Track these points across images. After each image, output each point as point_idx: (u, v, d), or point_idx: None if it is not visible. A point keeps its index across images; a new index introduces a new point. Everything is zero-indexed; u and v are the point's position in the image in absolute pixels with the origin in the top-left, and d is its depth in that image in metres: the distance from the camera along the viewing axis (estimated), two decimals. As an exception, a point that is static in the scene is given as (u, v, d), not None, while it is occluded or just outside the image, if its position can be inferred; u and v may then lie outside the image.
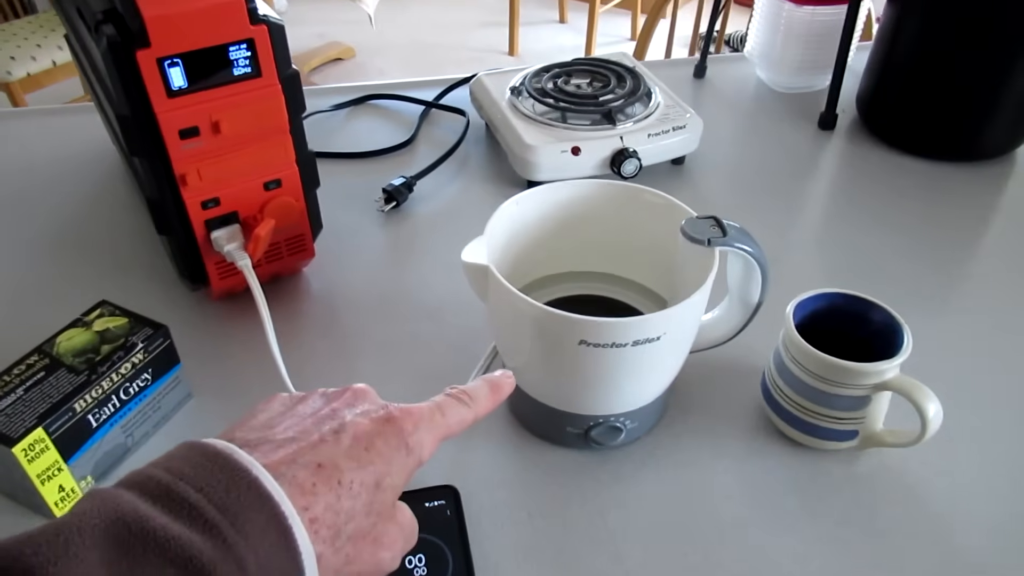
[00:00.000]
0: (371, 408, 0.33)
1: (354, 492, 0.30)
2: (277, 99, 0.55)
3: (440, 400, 0.36)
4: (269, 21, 0.52)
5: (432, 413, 0.34)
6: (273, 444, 0.30)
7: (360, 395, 0.34)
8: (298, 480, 0.28)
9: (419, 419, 0.34)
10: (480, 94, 0.85)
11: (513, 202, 0.53)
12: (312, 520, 0.28)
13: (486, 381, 0.39)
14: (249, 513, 0.26)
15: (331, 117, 0.91)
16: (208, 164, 0.54)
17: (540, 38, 3.33)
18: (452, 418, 0.35)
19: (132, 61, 0.49)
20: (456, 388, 0.37)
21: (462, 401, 0.36)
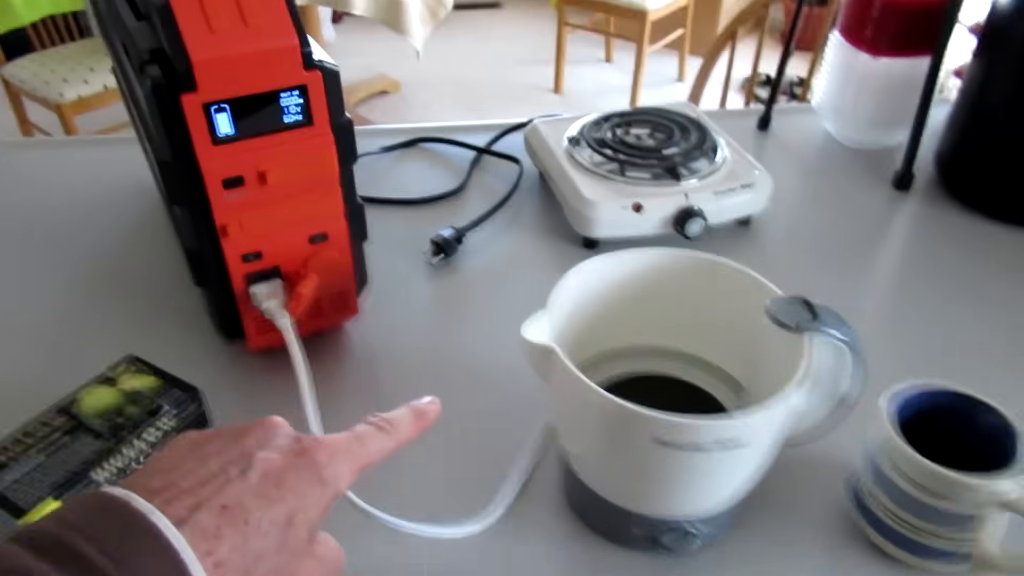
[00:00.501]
0: (282, 442, 0.32)
1: (263, 531, 0.29)
2: (328, 149, 0.51)
3: (359, 429, 0.36)
4: (324, 67, 0.49)
5: (349, 443, 0.34)
6: (176, 489, 0.29)
7: (270, 429, 0.33)
8: (201, 524, 0.28)
9: (334, 450, 0.33)
10: (535, 142, 0.81)
11: (578, 271, 0.48)
12: (217, 564, 0.27)
13: (410, 408, 0.39)
14: (146, 562, 0.25)
15: (379, 160, 0.88)
16: (251, 215, 0.51)
17: (585, 77, 3.32)
18: (371, 447, 0.35)
19: (177, 105, 0.45)
20: (377, 416, 0.37)
21: (383, 429, 0.36)
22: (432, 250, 0.71)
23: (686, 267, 0.50)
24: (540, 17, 3.96)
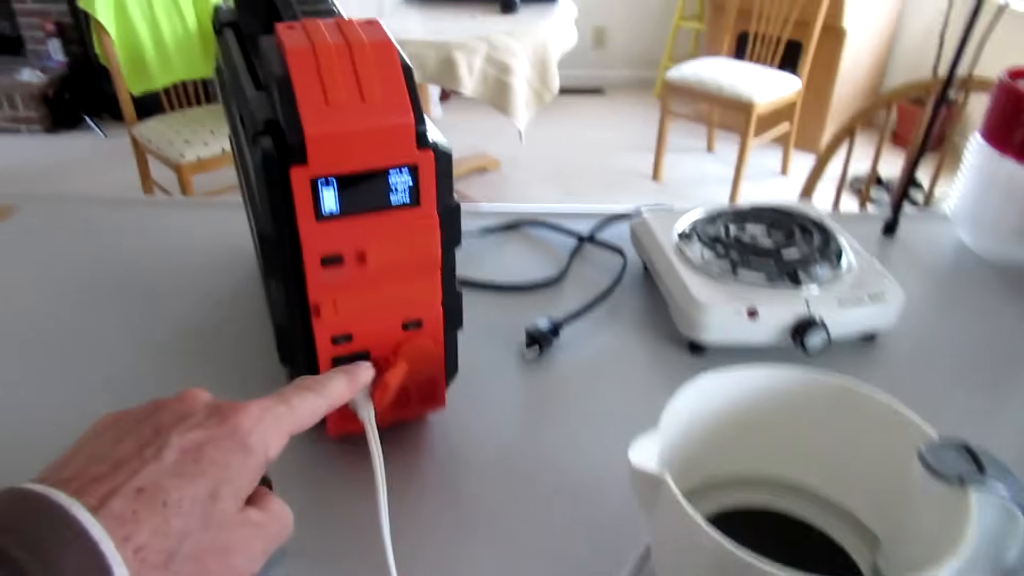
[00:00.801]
0: (200, 415, 0.32)
1: (184, 510, 0.29)
2: (433, 232, 0.48)
3: (285, 391, 0.35)
4: (437, 147, 0.46)
5: (275, 405, 0.33)
6: (88, 477, 0.28)
7: (188, 401, 0.33)
8: (116, 511, 0.27)
9: (258, 415, 0.32)
10: (642, 234, 0.77)
11: (694, 387, 0.43)
12: (137, 549, 0.27)
13: (341, 370, 0.39)
14: (64, 551, 0.25)
15: (477, 241, 0.86)
16: (346, 296, 0.48)
17: (685, 165, 3.29)
18: (301, 409, 0.34)
19: (285, 178, 0.44)
20: (307, 378, 0.37)
21: (311, 390, 0.35)
22: (526, 342, 0.67)
23: (817, 391, 0.44)
24: (642, 105, 3.99)
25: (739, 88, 2.75)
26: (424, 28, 2.34)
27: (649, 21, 4.09)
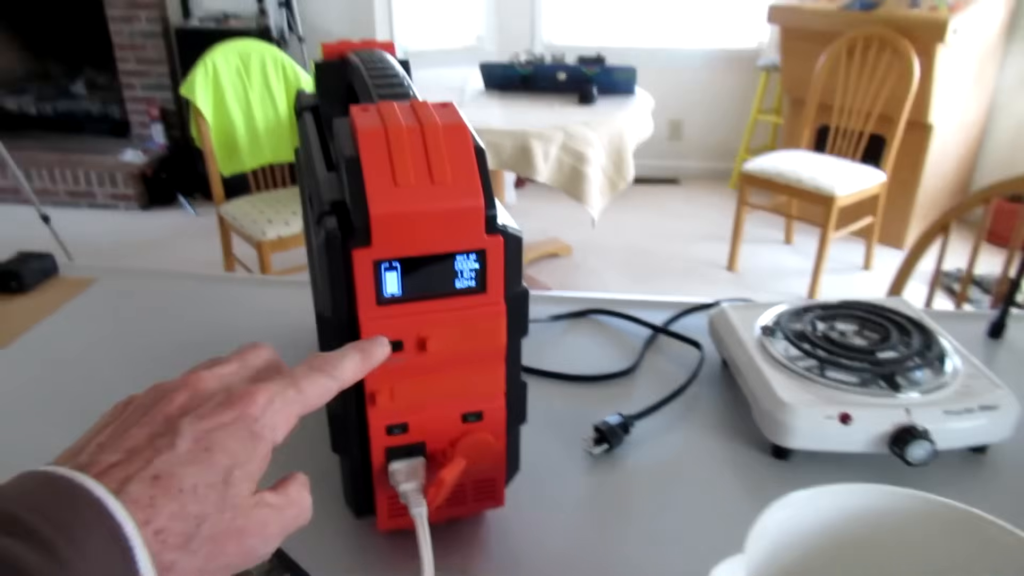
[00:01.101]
0: (210, 402, 0.32)
1: (200, 496, 0.30)
2: (499, 319, 0.46)
3: (296, 371, 0.35)
4: (507, 232, 0.44)
5: (284, 389, 0.34)
6: (106, 464, 0.29)
7: (198, 387, 0.33)
8: (133, 495, 0.28)
9: (267, 399, 0.33)
10: (721, 327, 0.73)
11: (784, 506, 0.38)
12: (157, 532, 0.28)
13: (355, 347, 0.38)
14: (89, 531, 0.26)
15: (546, 328, 0.83)
16: (404, 384, 0.45)
17: (762, 256, 3.22)
18: (310, 390, 0.35)
19: (347, 260, 0.42)
20: (319, 356, 0.36)
21: (322, 371, 0.35)
22: (594, 437, 0.63)
23: (933, 518, 0.38)
24: (718, 195, 3.97)
25: (819, 180, 2.70)
26: (502, 117, 2.39)
27: (725, 114, 4.10)
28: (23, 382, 0.73)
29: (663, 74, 3.94)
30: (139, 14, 3.73)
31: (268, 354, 0.37)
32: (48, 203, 3.64)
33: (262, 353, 0.37)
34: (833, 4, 3.13)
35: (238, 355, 0.37)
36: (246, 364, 0.36)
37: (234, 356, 0.37)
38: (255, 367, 0.36)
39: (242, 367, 0.36)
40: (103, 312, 0.85)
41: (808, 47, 3.20)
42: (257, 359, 0.37)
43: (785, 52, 3.37)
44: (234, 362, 0.36)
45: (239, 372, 0.35)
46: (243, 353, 0.37)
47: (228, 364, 0.36)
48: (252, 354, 0.37)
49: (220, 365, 0.36)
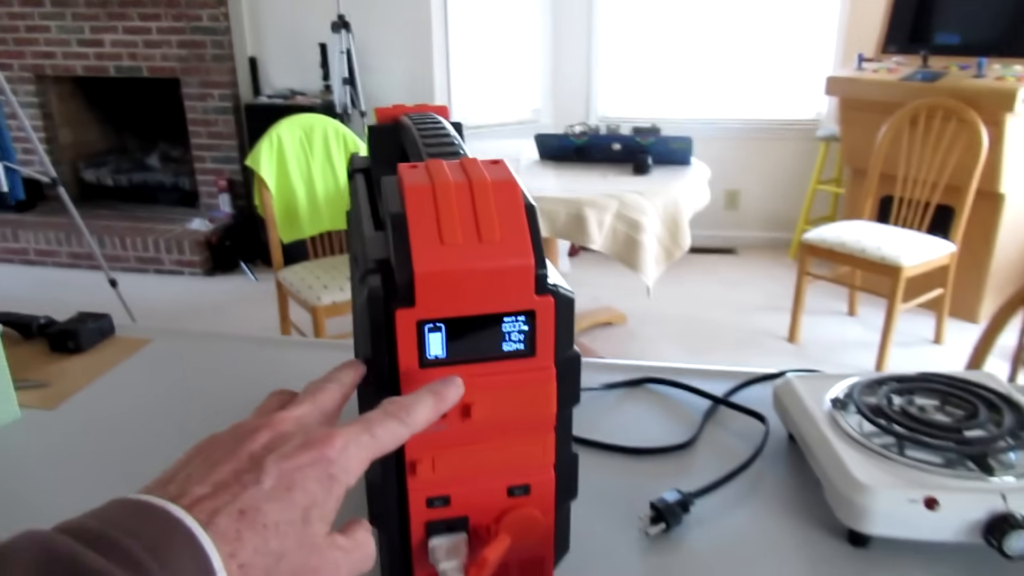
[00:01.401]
0: (291, 443, 0.33)
1: (281, 532, 0.31)
2: (548, 385, 0.43)
3: (372, 416, 0.36)
4: (558, 292, 0.42)
5: (359, 434, 0.34)
6: (194, 496, 0.30)
7: (279, 428, 0.35)
8: (221, 528, 0.29)
9: (344, 444, 0.34)
10: (788, 399, 0.68)
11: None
12: (241, 566, 0.29)
13: (428, 390, 0.38)
14: (179, 558, 0.27)
15: (599, 397, 0.79)
16: (447, 454, 0.43)
17: (825, 328, 3.11)
18: (384, 437, 0.35)
19: (390, 320, 0.40)
20: (394, 401, 0.37)
21: (396, 417, 0.36)
22: (650, 516, 0.58)
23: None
24: (776, 265, 3.89)
25: (885, 250, 2.61)
26: (556, 186, 2.40)
27: (783, 184, 4.05)
28: (76, 440, 0.72)
29: (719, 144, 3.94)
30: (213, 92, 3.93)
31: (335, 395, 0.39)
32: (118, 269, 3.78)
33: (331, 395, 0.39)
34: (893, 75, 3.10)
35: (310, 395, 0.38)
36: (317, 405, 0.38)
37: (306, 396, 0.38)
38: (326, 410, 0.38)
39: (314, 408, 0.38)
40: (157, 372, 0.85)
41: (868, 117, 3.16)
42: (327, 400, 0.38)
43: (844, 123, 3.33)
44: (306, 403, 0.38)
45: (312, 414, 0.37)
46: (314, 393, 0.38)
47: (301, 405, 0.37)
48: (323, 395, 0.39)
49: (294, 406, 0.37)
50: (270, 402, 0.39)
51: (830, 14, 3.72)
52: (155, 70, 3.95)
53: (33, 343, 0.92)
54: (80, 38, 3.97)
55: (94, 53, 3.99)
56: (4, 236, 3.95)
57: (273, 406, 0.39)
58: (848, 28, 3.70)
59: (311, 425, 0.36)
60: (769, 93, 3.91)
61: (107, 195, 4.35)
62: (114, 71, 4.00)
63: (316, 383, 0.39)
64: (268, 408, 0.38)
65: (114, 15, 3.89)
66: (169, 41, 3.88)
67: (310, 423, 0.37)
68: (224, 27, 3.82)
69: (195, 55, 3.87)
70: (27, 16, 3.98)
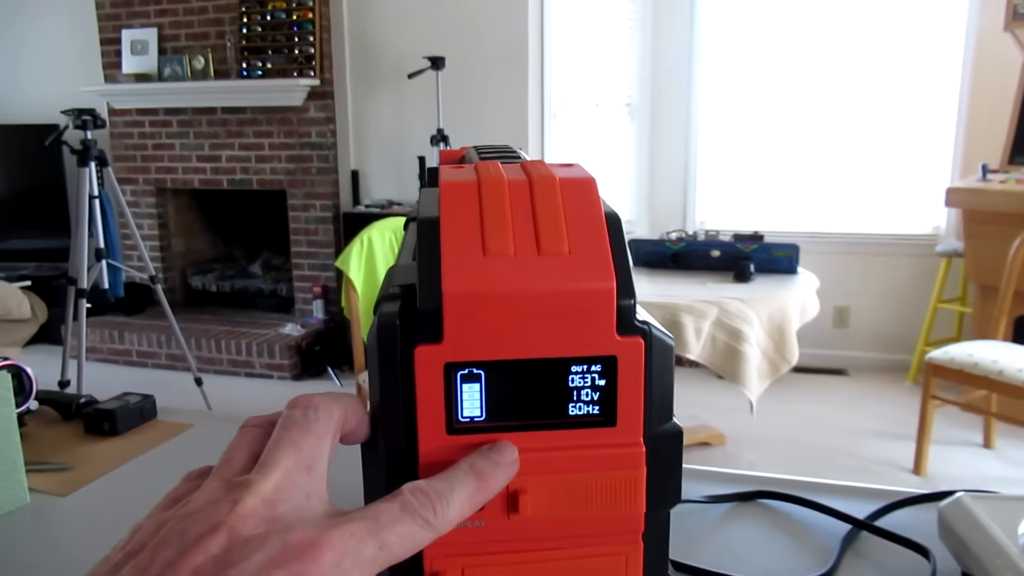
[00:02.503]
0: (256, 555, 0.22)
1: None
2: (635, 471, 0.29)
3: (382, 512, 0.25)
4: (651, 335, 0.29)
5: (361, 542, 0.24)
6: None
7: (239, 531, 0.23)
8: None
9: (337, 559, 0.23)
10: (963, 527, 0.51)
11: None
12: None
13: (468, 470, 0.27)
14: None
15: (700, 513, 0.63)
16: (484, 566, 0.29)
17: (956, 461, 2.76)
18: (397, 544, 0.24)
19: (407, 360, 0.28)
20: (418, 489, 0.26)
21: (419, 516, 0.25)
22: None
23: None
24: (893, 388, 3.55)
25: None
26: (650, 291, 2.27)
27: (898, 302, 3.77)
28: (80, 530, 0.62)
29: (826, 259, 3.72)
30: (315, 203, 4.07)
31: (325, 439, 0.27)
32: (210, 371, 3.84)
33: (319, 440, 0.27)
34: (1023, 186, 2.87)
35: (289, 444, 0.26)
36: (299, 460, 0.26)
37: (283, 445, 0.26)
38: (312, 467, 0.26)
39: (294, 468, 0.25)
40: (192, 457, 0.75)
41: (997, 230, 2.91)
42: (314, 451, 0.26)
43: (969, 236, 3.08)
44: (282, 460, 0.25)
45: (291, 485, 0.25)
46: (294, 439, 0.26)
47: (273, 468, 0.25)
48: (307, 441, 0.26)
49: (264, 472, 0.25)
50: (223, 464, 0.27)
51: (946, 125, 3.54)
52: (264, 183, 4.14)
53: (71, 424, 0.85)
54: (200, 154, 4.24)
55: (211, 168, 4.24)
56: (112, 338, 4.11)
57: (234, 466, 0.27)
58: (967, 139, 3.50)
59: (289, 516, 0.24)
60: (881, 206, 3.71)
61: (211, 300, 4.50)
62: (227, 184, 4.22)
63: (294, 416, 0.27)
64: (227, 483, 0.26)
65: (232, 133, 4.15)
66: (279, 156, 4.08)
67: (288, 511, 0.24)
68: (331, 143, 3.99)
69: (301, 168, 4.05)
70: (155, 136, 4.30)
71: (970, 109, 3.48)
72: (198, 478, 0.27)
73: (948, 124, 3.54)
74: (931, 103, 3.55)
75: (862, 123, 3.66)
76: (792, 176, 3.81)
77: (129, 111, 4.27)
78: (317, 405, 0.27)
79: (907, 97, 3.57)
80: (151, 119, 4.27)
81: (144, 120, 4.28)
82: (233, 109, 4.10)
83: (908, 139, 3.62)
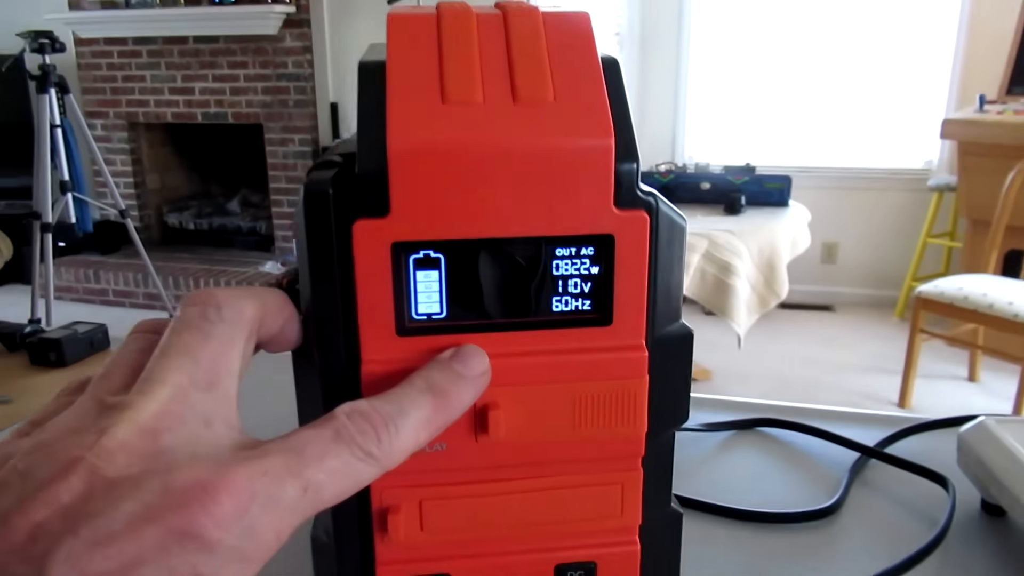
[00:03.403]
0: (123, 505, 0.16)
1: None
2: (636, 381, 0.24)
3: (306, 443, 0.19)
4: (658, 209, 0.23)
5: (275, 486, 0.18)
6: None
7: (102, 469, 0.17)
8: None
9: (243, 503, 0.17)
10: (989, 453, 0.46)
11: None
12: None
13: (424, 386, 0.21)
14: None
15: (696, 442, 0.59)
16: (445, 499, 0.24)
17: (941, 395, 2.77)
18: (329, 486, 0.19)
19: (344, 242, 0.22)
20: (358, 411, 0.20)
21: (359, 445, 0.19)
22: (790, 623, 0.37)
23: None
24: (880, 324, 3.55)
25: (1018, 307, 2.29)
26: (639, 225, 2.22)
27: (887, 238, 3.73)
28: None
29: (816, 194, 3.66)
30: (293, 137, 3.94)
31: (230, 346, 0.20)
32: (191, 310, 3.77)
33: (221, 346, 0.20)
34: (1021, 117, 2.80)
35: (179, 352, 0.19)
36: (198, 371, 0.19)
37: (171, 352, 0.19)
38: (212, 380, 0.20)
39: (185, 381, 0.19)
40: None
41: (993, 163, 2.85)
42: (212, 358, 0.20)
43: (963, 170, 3.03)
44: (173, 369, 0.19)
45: (182, 403, 0.19)
46: (189, 345, 0.20)
47: (161, 382, 0.19)
48: (205, 347, 0.20)
49: (144, 398, 0.18)
50: (83, 383, 0.21)
51: (943, 55, 3.44)
52: (240, 116, 4.00)
53: (17, 356, 0.78)
54: (172, 86, 4.07)
55: (183, 100, 4.08)
56: (87, 277, 4.01)
57: (112, 383, 0.20)
58: (964, 70, 3.41)
59: (178, 449, 0.18)
60: (874, 139, 3.64)
61: (188, 239, 4.40)
62: (201, 117, 4.07)
63: (189, 316, 0.20)
64: (83, 401, 0.19)
65: (205, 64, 3.98)
66: (255, 88, 3.93)
67: (176, 443, 0.18)
68: (308, 74, 3.84)
69: (278, 101, 3.91)
70: (124, 67, 4.12)
71: (968, 39, 3.38)
72: (73, 393, 0.21)
73: (946, 54, 3.44)
74: (928, 33, 3.45)
75: (857, 54, 3.56)
76: (783, 109, 3.72)
77: (96, 40, 4.08)
78: (220, 302, 0.20)
79: (904, 26, 3.47)
80: (120, 49, 4.08)
81: (112, 50, 4.09)
82: (205, 38, 3.92)
83: (904, 70, 3.52)
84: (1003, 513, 0.47)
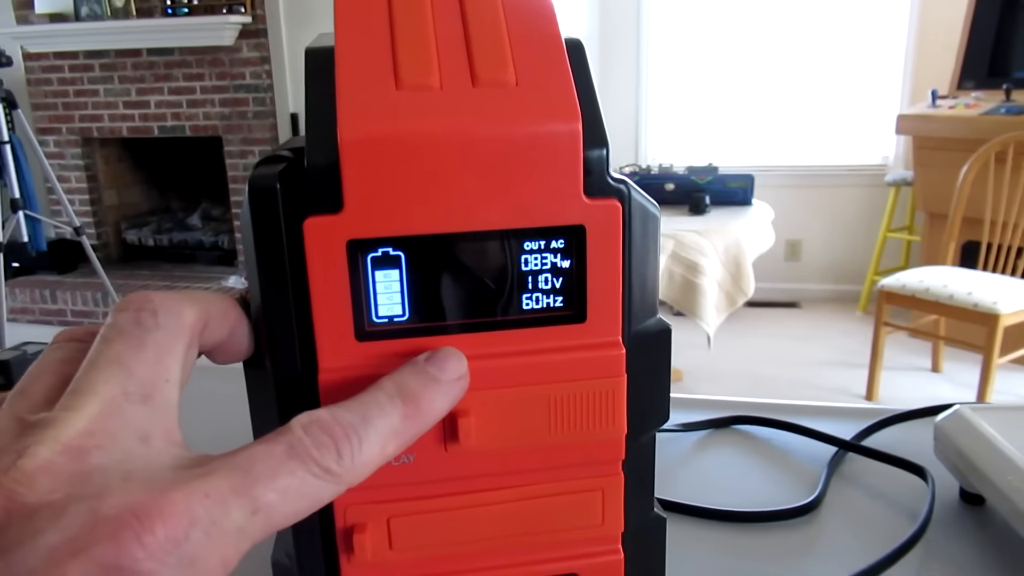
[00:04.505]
0: (45, 534, 0.14)
1: None
2: (613, 380, 0.22)
3: (255, 460, 0.17)
4: (630, 197, 0.22)
5: (219, 509, 0.16)
6: None
7: (20, 495, 0.15)
8: None
9: (180, 532, 0.15)
10: (966, 442, 0.46)
11: None
12: None
13: (397, 390, 0.19)
14: None
15: (673, 442, 0.57)
16: (414, 515, 0.22)
17: (907, 386, 2.81)
18: (281, 506, 0.17)
19: (295, 241, 0.20)
20: (317, 421, 0.18)
21: (316, 462, 0.17)
22: (777, 625, 0.36)
23: None
24: (845, 319, 3.60)
25: (978, 296, 2.33)
26: (605, 227, 2.22)
27: (848, 234, 3.79)
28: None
29: (777, 193, 3.71)
30: (253, 149, 3.88)
31: (167, 354, 0.19)
32: (153, 328, 3.69)
33: (155, 353, 0.18)
34: (972, 111, 2.87)
35: (107, 361, 0.18)
36: (131, 382, 0.17)
37: (101, 378, 0.17)
38: (146, 393, 0.18)
39: (126, 401, 0.17)
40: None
41: (946, 157, 2.91)
42: (146, 367, 0.18)
43: (919, 164, 3.08)
44: (101, 383, 0.17)
45: (120, 437, 0.17)
46: (120, 354, 0.18)
47: (84, 406, 0.17)
48: (137, 356, 0.18)
49: (69, 414, 0.16)
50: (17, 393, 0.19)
51: (895, 53, 3.51)
52: (198, 129, 3.93)
53: (-37, 378, 0.75)
54: (127, 100, 3.99)
55: (139, 114, 4.00)
56: (43, 297, 3.90)
57: (33, 398, 0.18)
58: (916, 66, 3.49)
59: (109, 470, 0.16)
60: (831, 138, 3.69)
61: (148, 255, 4.31)
62: (158, 131, 4.00)
63: (121, 323, 0.18)
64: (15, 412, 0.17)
65: (160, 76, 3.90)
66: (212, 100, 3.87)
67: (107, 462, 0.16)
68: (267, 84, 3.79)
69: (237, 112, 3.85)
70: (76, 81, 4.03)
71: (919, 35, 3.45)
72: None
73: (897, 52, 3.52)
74: (880, 31, 3.52)
75: (812, 53, 3.61)
76: (744, 108, 3.76)
77: (46, 55, 3.98)
78: (156, 307, 0.19)
79: (856, 25, 3.53)
80: (71, 63, 3.99)
81: (63, 64, 4.00)
82: (159, 50, 3.85)
83: (857, 68, 3.59)
84: (982, 502, 0.46)
